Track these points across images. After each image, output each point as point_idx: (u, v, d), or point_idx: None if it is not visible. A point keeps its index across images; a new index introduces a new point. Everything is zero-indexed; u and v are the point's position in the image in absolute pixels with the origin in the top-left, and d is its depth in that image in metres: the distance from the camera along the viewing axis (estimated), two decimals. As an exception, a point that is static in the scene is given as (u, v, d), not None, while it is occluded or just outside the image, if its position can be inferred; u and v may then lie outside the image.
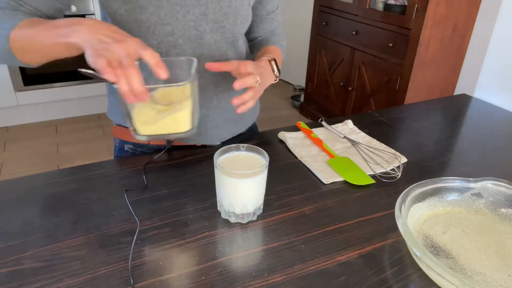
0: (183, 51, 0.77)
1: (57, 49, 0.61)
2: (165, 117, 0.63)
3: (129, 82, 0.54)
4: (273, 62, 0.81)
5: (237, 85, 0.68)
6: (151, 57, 0.57)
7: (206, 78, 0.80)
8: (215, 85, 0.83)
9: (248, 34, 0.98)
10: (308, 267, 0.58)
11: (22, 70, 2.67)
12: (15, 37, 0.63)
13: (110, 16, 0.75)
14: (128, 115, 0.63)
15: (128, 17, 0.72)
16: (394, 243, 0.63)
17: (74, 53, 0.61)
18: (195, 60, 0.68)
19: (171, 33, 0.75)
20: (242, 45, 0.88)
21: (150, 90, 0.60)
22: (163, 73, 0.57)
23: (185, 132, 0.66)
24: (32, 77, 2.72)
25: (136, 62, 0.57)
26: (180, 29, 0.75)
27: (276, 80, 0.83)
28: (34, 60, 0.67)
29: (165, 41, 0.75)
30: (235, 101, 0.70)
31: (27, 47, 0.64)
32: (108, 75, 0.53)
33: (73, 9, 2.29)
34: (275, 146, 0.92)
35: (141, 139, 0.66)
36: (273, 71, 0.81)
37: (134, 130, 0.65)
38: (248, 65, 0.71)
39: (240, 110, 0.72)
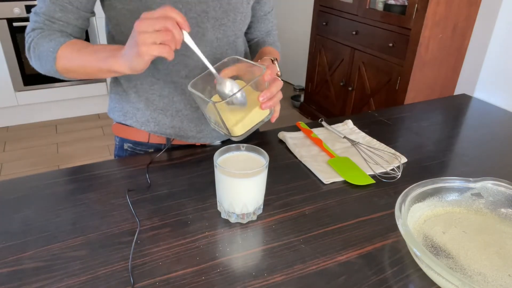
0: (186, 47, 0.78)
1: (100, 74, 0.72)
2: (251, 110, 0.69)
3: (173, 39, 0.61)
4: (276, 62, 0.82)
5: (262, 98, 0.67)
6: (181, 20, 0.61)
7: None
8: None
9: (245, 34, 0.99)
10: (308, 267, 0.58)
11: (22, 70, 2.67)
12: (61, 59, 0.73)
13: (114, 18, 0.76)
14: (222, 124, 0.69)
15: (131, 16, 0.73)
16: (394, 243, 0.63)
17: (114, 75, 0.74)
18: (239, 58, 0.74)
19: None
20: (241, 44, 0.89)
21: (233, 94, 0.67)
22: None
23: (268, 115, 0.72)
24: (32, 77, 2.72)
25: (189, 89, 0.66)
26: None
27: None
28: (77, 78, 0.77)
29: None
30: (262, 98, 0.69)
31: (72, 69, 0.74)
32: (163, 50, 0.61)
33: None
34: (275, 146, 0.92)
35: (239, 139, 0.71)
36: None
37: (230, 133, 0.70)
38: (274, 70, 0.71)
39: (274, 119, 0.74)
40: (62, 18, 0.74)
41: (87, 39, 2.81)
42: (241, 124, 0.69)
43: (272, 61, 0.82)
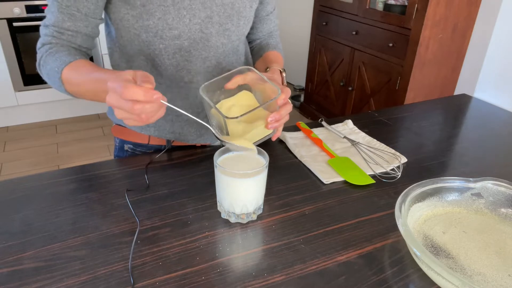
0: (189, 53, 0.78)
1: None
2: (256, 127, 0.67)
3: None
4: (283, 74, 0.82)
5: (270, 119, 0.65)
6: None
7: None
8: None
9: (247, 35, 0.98)
10: (308, 267, 0.58)
11: (22, 70, 2.67)
12: (65, 80, 0.70)
13: (117, 23, 0.75)
14: (225, 133, 0.67)
15: (135, 22, 0.73)
16: (394, 243, 0.63)
17: None
18: (251, 68, 0.72)
19: (178, 37, 0.75)
20: (242, 48, 0.89)
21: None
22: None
23: (271, 133, 0.70)
24: (32, 77, 2.72)
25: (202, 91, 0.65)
26: (186, 32, 0.75)
27: None
28: (86, 99, 0.74)
29: (171, 44, 0.75)
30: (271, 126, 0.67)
31: (78, 93, 0.72)
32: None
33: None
34: (275, 146, 0.92)
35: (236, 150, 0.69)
36: (282, 83, 0.82)
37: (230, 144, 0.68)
38: (288, 94, 0.68)
39: (275, 137, 0.72)
40: (71, 27, 0.72)
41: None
42: (244, 138, 0.67)
43: (281, 72, 0.81)
